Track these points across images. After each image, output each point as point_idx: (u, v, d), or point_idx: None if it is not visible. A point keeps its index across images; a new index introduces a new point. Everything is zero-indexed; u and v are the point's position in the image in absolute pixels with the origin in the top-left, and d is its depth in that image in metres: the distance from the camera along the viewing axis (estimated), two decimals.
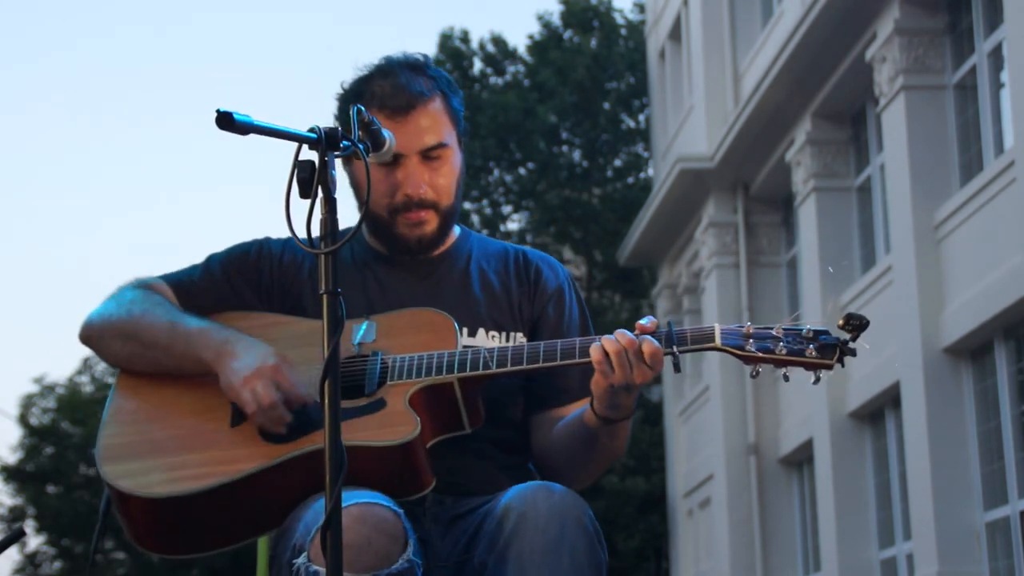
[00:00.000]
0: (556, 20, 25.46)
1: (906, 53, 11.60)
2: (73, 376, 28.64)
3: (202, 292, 2.81)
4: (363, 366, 2.64)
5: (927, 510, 11.00)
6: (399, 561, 2.35)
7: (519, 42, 34.66)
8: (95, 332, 2.79)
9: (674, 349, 2.51)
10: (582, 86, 24.34)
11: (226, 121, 2.17)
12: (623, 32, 25.45)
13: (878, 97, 12.19)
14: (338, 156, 2.26)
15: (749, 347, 2.53)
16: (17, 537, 3.02)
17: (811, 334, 2.52)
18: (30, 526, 26.71)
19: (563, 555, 2.39)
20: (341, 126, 2.76)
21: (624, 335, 2.51)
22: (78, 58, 51.56)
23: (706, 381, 16.83)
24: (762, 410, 15.67)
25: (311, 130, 2.23)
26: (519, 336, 2.81)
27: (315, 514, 2.43)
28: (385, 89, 2.75)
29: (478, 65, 25.59)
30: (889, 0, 11.82)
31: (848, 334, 2.48)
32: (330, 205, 2.23)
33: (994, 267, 10.47)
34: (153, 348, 2.71)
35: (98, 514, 2.79)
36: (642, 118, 25.07)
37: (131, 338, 2.73)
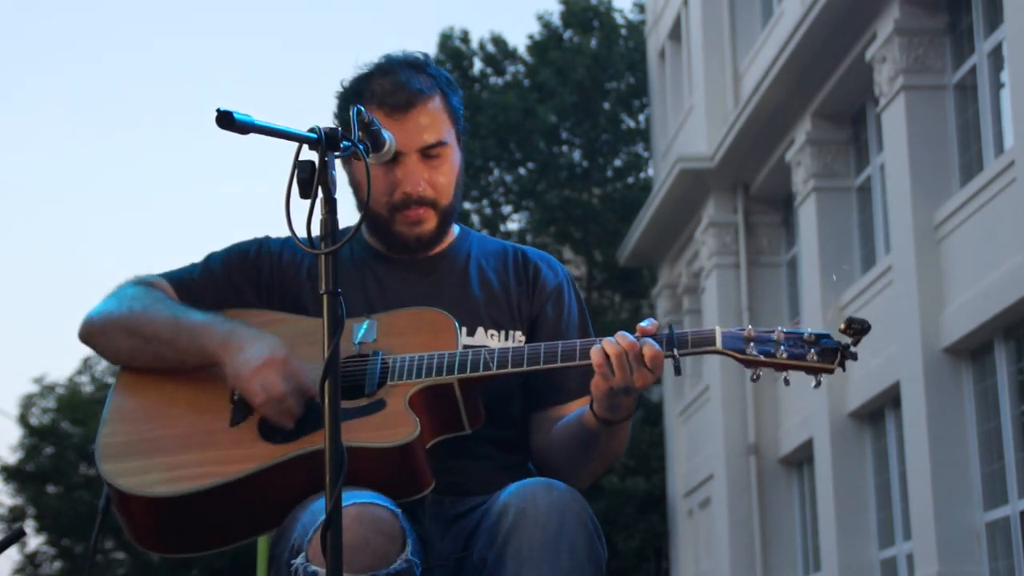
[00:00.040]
0: (556, 20, 25.44)
1: (906, 53, 11.60)
2: (73, 376, 28.65)
3: (202, 290, 2.80)
4: (363, 366, 2.63)
5: (927, 510, 10.99)
6: (397, 561, 2.35)
7: (519, 42, 34.68)
8: (95, 329, 2.76)
9: (675, 352, 2.50)
10: (582, 86, 24.33)
11: (226, 120, 2.17)
12: (623, 32, 25.43)
13: (878, 97, 12.18)
14: (338, 157, 2.26)
15: (750, 351, 2.51)
16: (17, 537, 3.01)
17: (812, 338, 2.51)
18: (30, 526, 26.69)
19: (562, 551, 2.38)
20: (341, 124, 2.75)
21: (625, 338, 2.50)
22: (78, 58, 51.58)
23: (706, 381, 16.82)
24: (762, 410, 15.66)
25: (311, 130, 2.23)
26: (518, 335, 2.80)
27: (312, 514, 2.42)
28: (385, 87, 2.75)
29: (478, 65, 25.57)
30: (889, 0, 11.82)
31: (849, 338, 2.46)
32: (330, 205, 2.23)
33: (994, 267, 10.46)
34: (156, 342, 2.69)
35: (98, 513, 2.79)
36: (642, 118, 25.06)
37: (133, 333, 2.71)
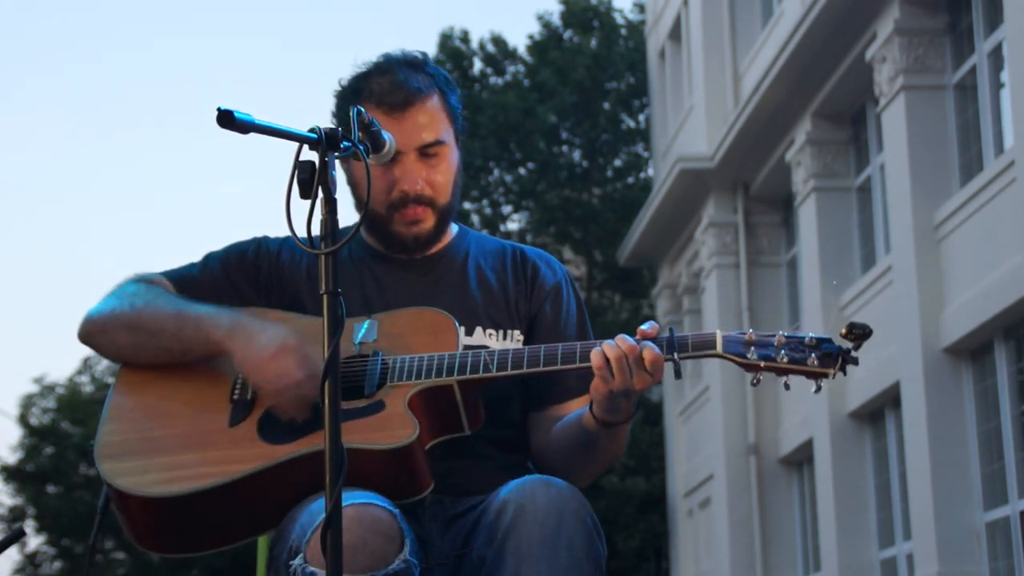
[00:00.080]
0: (556, 20, 25.44)
1: (906, 53, 11.60)
2: (73, 376, 28.66)
3: (202, 288, 2.78)
4: (363, 367, 2.62)
5: (927, 510, 10.99)
6: (395, 561, 2.34)
7: (519, 42, 34.67)
8: (96, 327, 2.74)
9: (675, 356, 2.50)
10: (582, 86, 24.32)
11: (227, 119, 2.16)
12: (623, 32, 25.42)
13: (878, 97, 12.18)
14: (338, 157, 2.25)
15: (751, 355, 2.51)
16: (17, 537, 3.01)
17: (813, 342, 2.50)
18: (30, 526, 26.69)
19: (560, 548, 2.37)
20: (339, 123, 2.75)
21: (625, 341, 2.49)
22: (78, 58, 51.58)
23: (706, 381, 16.82)
24: (762, 410, 15.66)
25: (312, 130, 2.23)
26: (516, 334, 2.80)
27: (311, 515, 2.42)
28: (383, 86, 2.74)
29: (478, 65, 25.57)
30: (889, 0, 11.82)
31: (851, 343, 2.45)
32: (330, 205, 2.22)
33: (994, 267, 10.46)
34: (160, 335, 2.67)
35: (97, 513, 2.78)
36: (642, 118, 25.05)
37: (136, 328, 2.69)
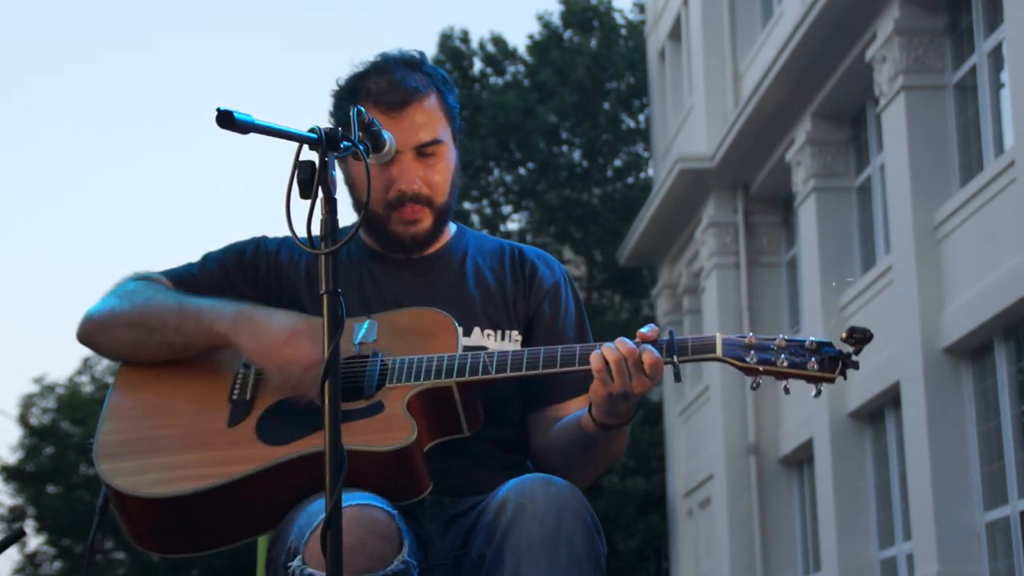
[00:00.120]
0: (556, 20, 25.43)
1: (906, 53, 11.60)
2: (73, 376, 28.66)
3: (200, 287, 2.77)
4: (362, 367, 2.62)
5: (927, 510, 10.99)
6: (394, 562, 2.33)
7: (519, 42, 34.69)
8: (95, 326, 2.73)
9: (674, 359, 2.49)
10: (582, 86, 24.32)
11: (227, 120, 2.16)
12: (623, 32, 25.42)
13: (878, 97, 12.18)
14: (339, 157, 2.25)
15: (750, 359, 2.50)
16: (17, 537, 3.01)
17: (814, 346, 2.50)
18: (30, 526, 26.69)
19: (560, 547, 2.36)
20: (336, 122, 2.74)
21: (624, 344, 2.49)
22: (78, 58, 51.58)
23: (706, 381, 16.82)
24: (762, 410, 15.66)
25: (311, 130, 2.22)
26: (514, 334, 2.79)
27: (309, 516, 2.41)
28: (380, 85, 2.73)
29: (478, 65, 25.56)
30: (889, 0, 11.82)
31: (851, 347, 2.45)
32: (330, 205, 2.22)
33: (994, 267, 10.46)
34: (161, 329, 2.67)
35: (96, 513, 2.78)
36: (642, 118, 25.05)
37: (137, 324, 2.68)
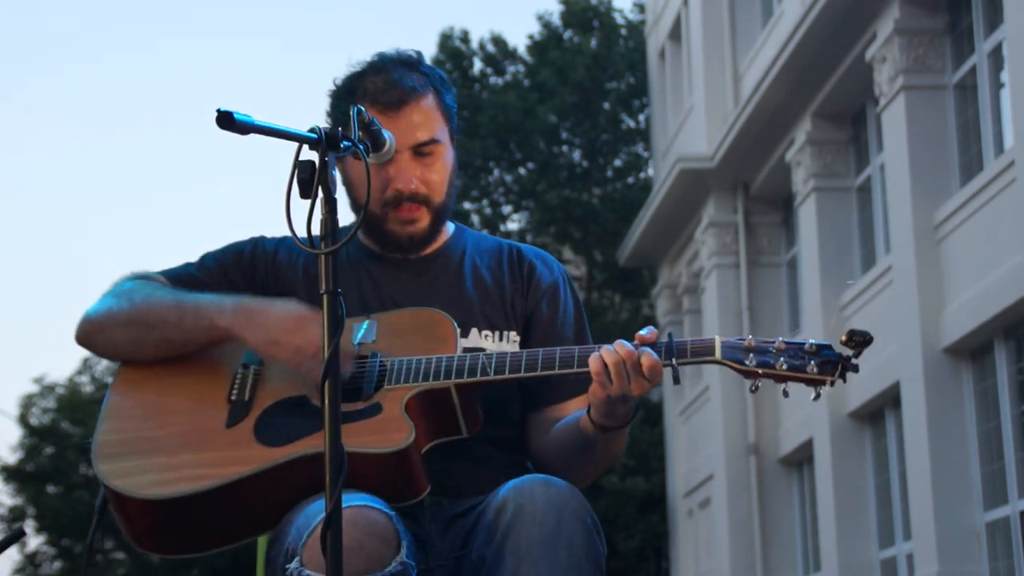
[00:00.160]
0: (556, 20, 25.43)
1: (906, 53, 11.60)
2: (73, 376, 28.67)
3: (199, 286, 2.76)
4: (361, 368, 2.61)
5: (927, 510, 10.99)
6: (392, 564, 2.33)
7: (519, 42, 34.67)
8: (94, 327, 2.72)
9: (673, 362, 2.49)
10: (582, 86, 24.31)
11: (226, 121, 2.16)
12: (623, 32, 25.42)
13: (878, 97, 12.18)
14: (339, 157, 2.25)
15: (749, 361, 2.50)
16: (17, 537, 3.00)
17: (813, 348, 2.49)
18: (30, 526, 26.69)
19: (560, 548, 2.36)
20: (333, 122, 2.74)
21: (623, 346, 2.48)
22: (78, 58, 51.58)
23: (706, 381, 16.82)
24: (762, 410, 15.66)
25: (311, 130, 2.22)
26: (512, 335, 2.78)
27: (307, 518, 2.41)
28: (377, 85, 2.73)
29: (478, 65, 25.56)
30: (889, 0, 11.82)
31: (851, 350, 2.44)
32: (330, 205, 2.22)
33: (994, 267, 10.46)
34: (161, 326, 2.66)
35: (95, 512, 2.78)
36: (642, 118, 25.04)
37: (135, 322, 2.68)
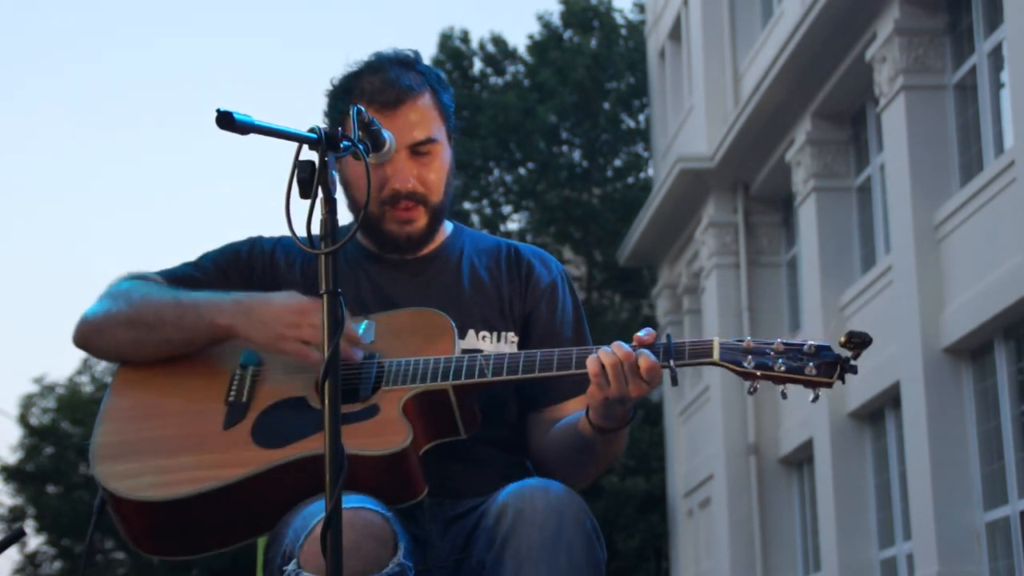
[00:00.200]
0: (556, 20, 25.43)
1: (906, 53, 11.59)
2: (73, 376, 28.67)
3: (196, 286, 2.75)
4: (359, 369, 2.60)
5: (927, 510, 10.99)
6: (389, 565, 2.32)
7: (519, 42, 34.68)
8: (92, 328, 2.71)
9: (671, 363, 2.49)
10: (582, 86, 24.31)
11: (226, 121, 2.16)
12: (623, 32, 25.42)
13: (878, 97, 12.17)
14: (339, 157, 2.24)
15: (747, 363, 2.50)
16: (17, 537, 3.00)
17: (812, 350, 2.49)
18: (30, 526, 26.69)
19: (560, 552, 2.36)
20: (330, 122, 2.74)
21: (621, 348, 2.48)
22: (78, 58, 51.59)
23: (706, 381, 16.82)
24: (762, 410, 15.65)
25: (311, 130, 2.22)
26: (510, 336, 2.78)
27: (304, 519, 2.40)
28: (374, 84, 2.73)
29: (478, 65, 25.56)
30: (889, 0, 11.82)
31: (850, 351, 2.44)
32: (330, 205, 2.22)
33: (994, 267, 10.46)
34: (161, 326, 2.65)
35: (93, 513, 2.78)
36: (642, 118, 25.04)
37: (135, 324, 2.67)
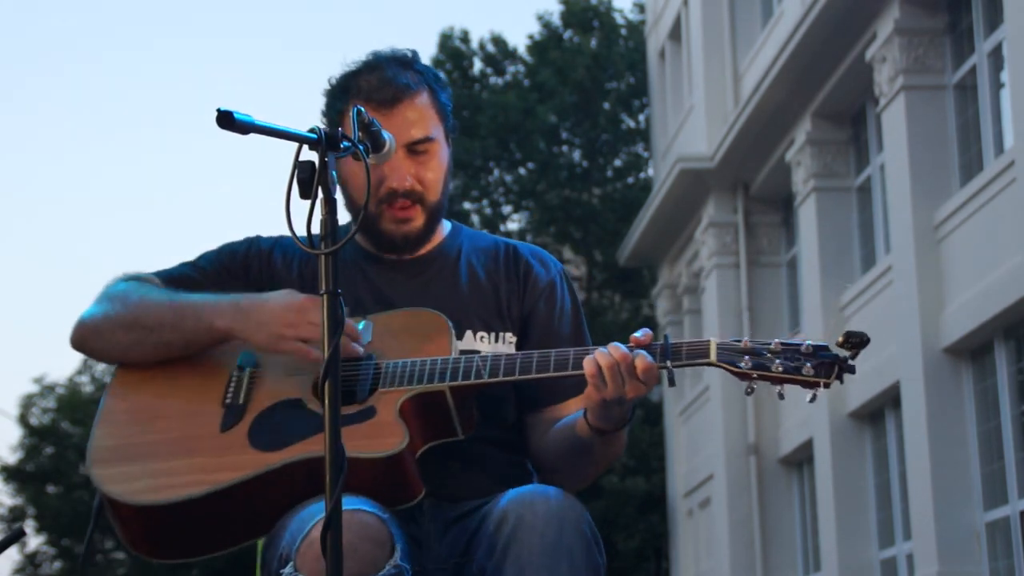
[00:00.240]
0: (556, 20, 25.43)
1: (906, 53, 11.59)
2: (73, 376, 28.68)
3: (195, 287, 2.75)
4: (356, 371, 2.59)
5: (927, 510, 10.99)
6: (386, 567, 2.32)
7: (519, 42, 34.67)
8: (90, 330, 2.70)
9: (668, 364, 2.48)
10: (582, 86, 24.31)
11: (226, 120, 2.15)
12: (623, 32, 25.42)
13: (878, 97, 12.17)
14: (339, 157, 2.24)
15: (744, 364, 2.49)
16: (17, 537, 3.00)
17: (810, 350, 2.48)
18: (30, 526, 26.69)
19: (561, 559, 2.37)
20: (328, 121, 2.74)
21: (618, 349, 2.47)
22: (78, 58, 51.59)
23: (706, 381, 16.81)
24: (762, 410, 15.65)
25: (311, 130, 2.22)
26: (508, 336, 2.77)
27: (301, 522, 2.40)
28: (372, 83, 2.72)
29: (478, 65, 25.55)
30: (889, 0, 11.81)
31: (848, 351, 2.43)
32: (330, 205, 2.21)
33: (994, 267, 10.46)
34: (159, 329, 2.64)
35: (92, 514, 2.77)
36: (642, 118, 25.04)
37: (133, 326, 2.66)
